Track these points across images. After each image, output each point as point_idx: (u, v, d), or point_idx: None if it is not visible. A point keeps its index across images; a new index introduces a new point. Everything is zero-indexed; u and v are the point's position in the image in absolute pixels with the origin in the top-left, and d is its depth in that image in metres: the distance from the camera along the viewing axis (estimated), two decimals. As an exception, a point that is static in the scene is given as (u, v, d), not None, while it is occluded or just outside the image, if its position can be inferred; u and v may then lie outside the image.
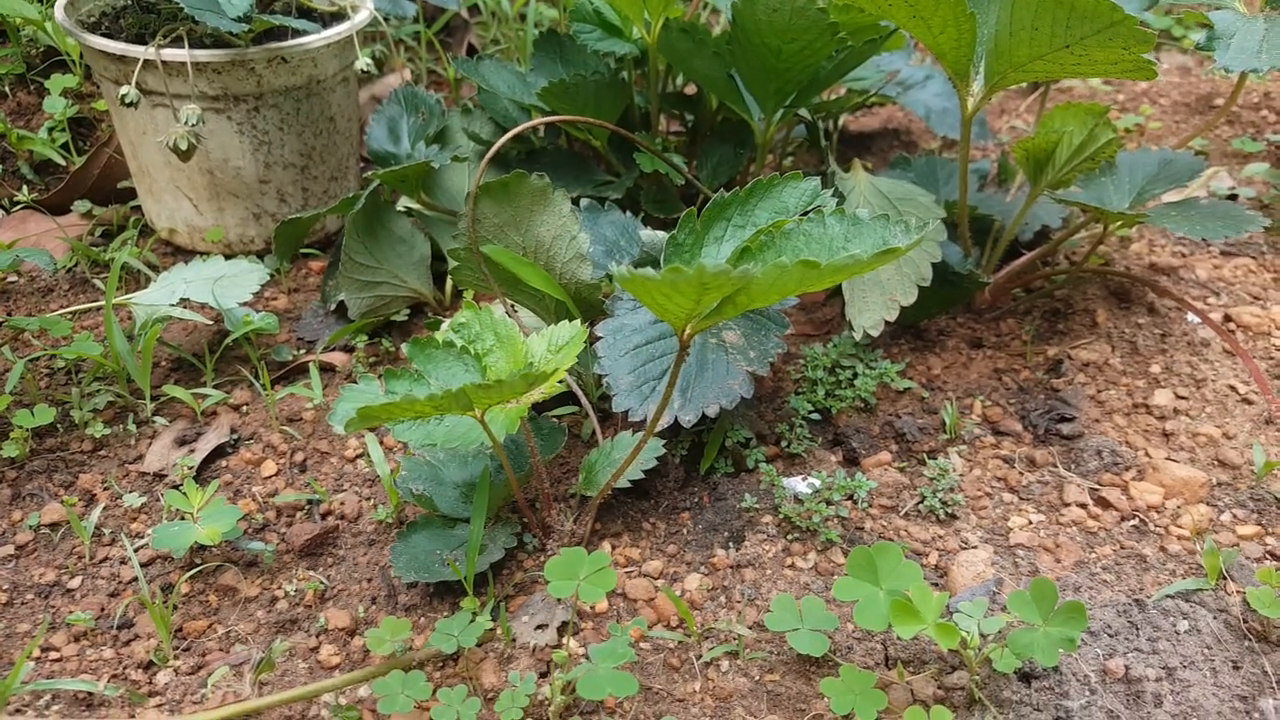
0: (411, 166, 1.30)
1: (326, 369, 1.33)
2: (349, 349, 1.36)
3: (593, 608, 0.92)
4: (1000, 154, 1.66)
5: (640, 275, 0.62)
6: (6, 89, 1.80)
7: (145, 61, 1.33)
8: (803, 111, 1.22)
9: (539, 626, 0.89)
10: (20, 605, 1.01)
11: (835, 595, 0.83)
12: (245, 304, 1.35)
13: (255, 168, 1.45)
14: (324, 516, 1.10)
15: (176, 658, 0.93)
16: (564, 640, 0.87)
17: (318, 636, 0.95)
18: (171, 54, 1.32)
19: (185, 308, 1.31)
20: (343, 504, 1.12)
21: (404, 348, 0.83)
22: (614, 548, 0.99)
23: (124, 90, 1.29)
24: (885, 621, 0.80)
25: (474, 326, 0.91)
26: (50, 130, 1.73)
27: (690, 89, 1.49)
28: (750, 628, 0.91)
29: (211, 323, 1.39)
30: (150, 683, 0.91)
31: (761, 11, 1.03)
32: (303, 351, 1.36)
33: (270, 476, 1.17)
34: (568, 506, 1.01)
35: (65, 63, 1.85)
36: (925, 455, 1.09)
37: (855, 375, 1.12)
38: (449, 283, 1.40)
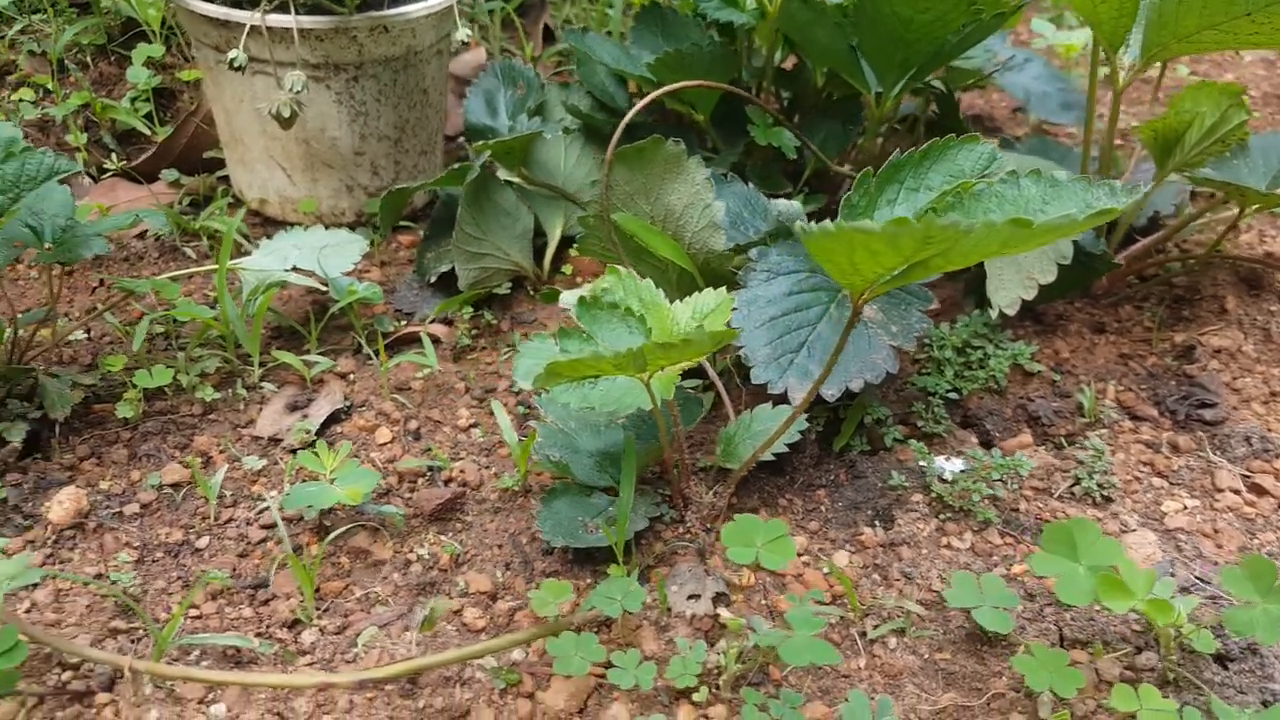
0: (518, 139, 1.30)
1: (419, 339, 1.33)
2: (448, 321, 1.36)
3: (740, 581, 0.92)
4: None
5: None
6: (88, 59, 1.80)
7: (250, 27, 1.32)
8: (936, 83, 1.22)
9: (691, 596, 0.89)
10: (152, 563, 1.00)
11: (1033, 570, 0.83)
12: (347, 274, 1.35)
13: (351, 139, 1.45)
14: (446, 483, 1.10)
15: (320, 617, 0.93)
16: (719, 610, 0.87)
17: (460, 599, 0.95)
18: (277, 19, 1.32)
19: (297, 275, 1.31)
20: (463, 471, 1.12)
21: (573, 308, 0.83)
22: (753, 521, 0.99)
23: (232, 54, 1.29)
24: (1089, 597, 0.79)
25: (618, 292, 0.91)
26: (133, 100, 1.73)
27: (788, 64, 1.48)
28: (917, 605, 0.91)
29: (308, 291, 1.39)
30: (296, 641, 0.91)
31: (898, -18, 1.03)
32: (403, 323, 1.36)
33: (386, 443, 1.17)
34: (703, 478, 1.01)
35: (145, 34, 1.85)
36: (1063, 439, 1.09)
37: (987, 356, 1.12)
38: (548, 256, 1.40)
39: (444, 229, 1.44)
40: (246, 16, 1.31)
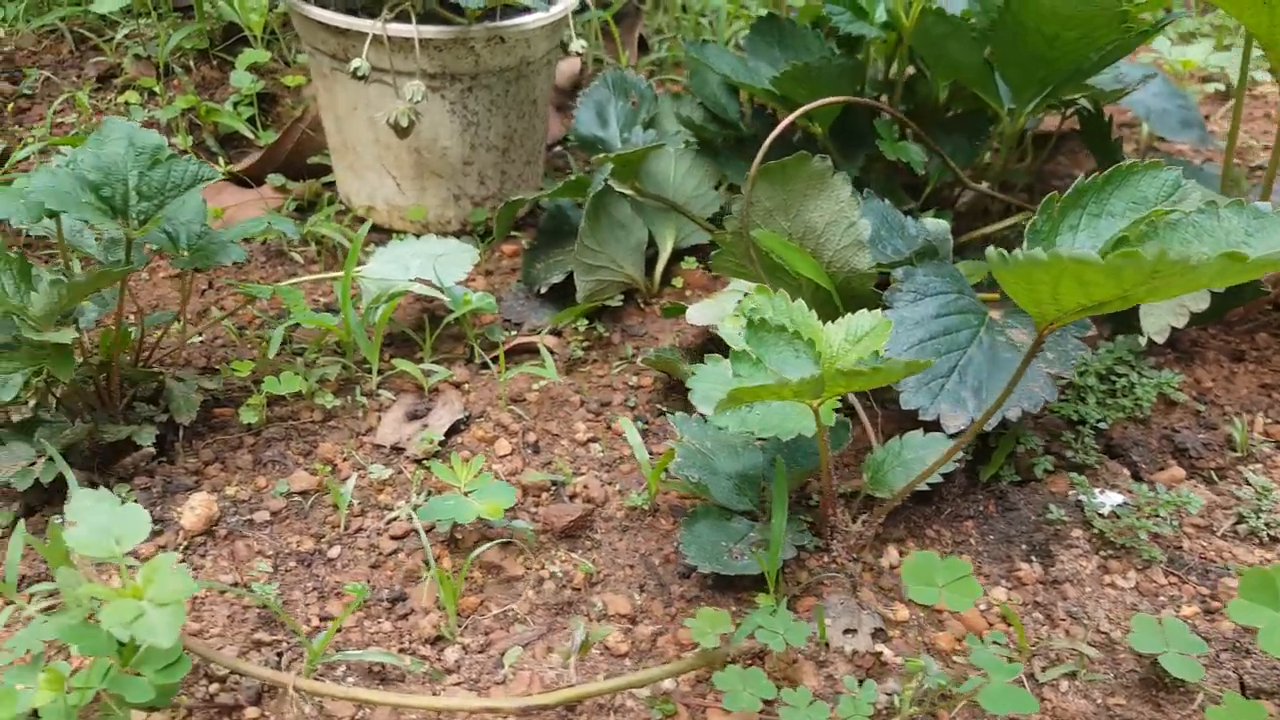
0: (637, 151, 1.29)
1: (532, 351, 1.32)
2: (557, 332, 1.35)
3: (894, 615, 0.90)
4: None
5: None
6: (191, 63, 1.82)
7: (370, 36, 1.33)
8: (1082, 100, 1.20)
9: (847, 630, 0.87)
10: (286, 572, 1.00)
11: (1232, 618, 0.80)
12: (459, 283, 1.35)
13: (462, 148, 1.45)
14: (571, 498, 1.09)
15: (461, 634, 0.92)
16: (879, 647, 0.85)
17: (599, 622, 0.94)
18: (398, 29, 1.32)
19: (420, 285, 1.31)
20: (586, 487, 1.11)
21: (741, 331, 0.81)
22: (901, 553, 0.97)
23: (355, 63, 1.29)
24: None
25: (767, 311, 0.89)
26: (235, 104, 1.74)
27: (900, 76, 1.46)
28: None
29: (417, 298, 1.39)
30: (440, 658, 0.90)
31: (1047, -1, 1.01)
32: (512, 333, 1.35)
33: (506, 455, 1.16)
34: (845, 505, 0.99)
35: (246, 38, 1.87)
36: (1213, 472, 1.06)
37: (1131, 384, 1.09)
38: (658, 268, 1.39)
39: (552, 239, 1.43)
40: (369, 25, 1.31)
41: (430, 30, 1.33)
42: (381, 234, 1.54)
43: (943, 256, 1.04)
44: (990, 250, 0.67)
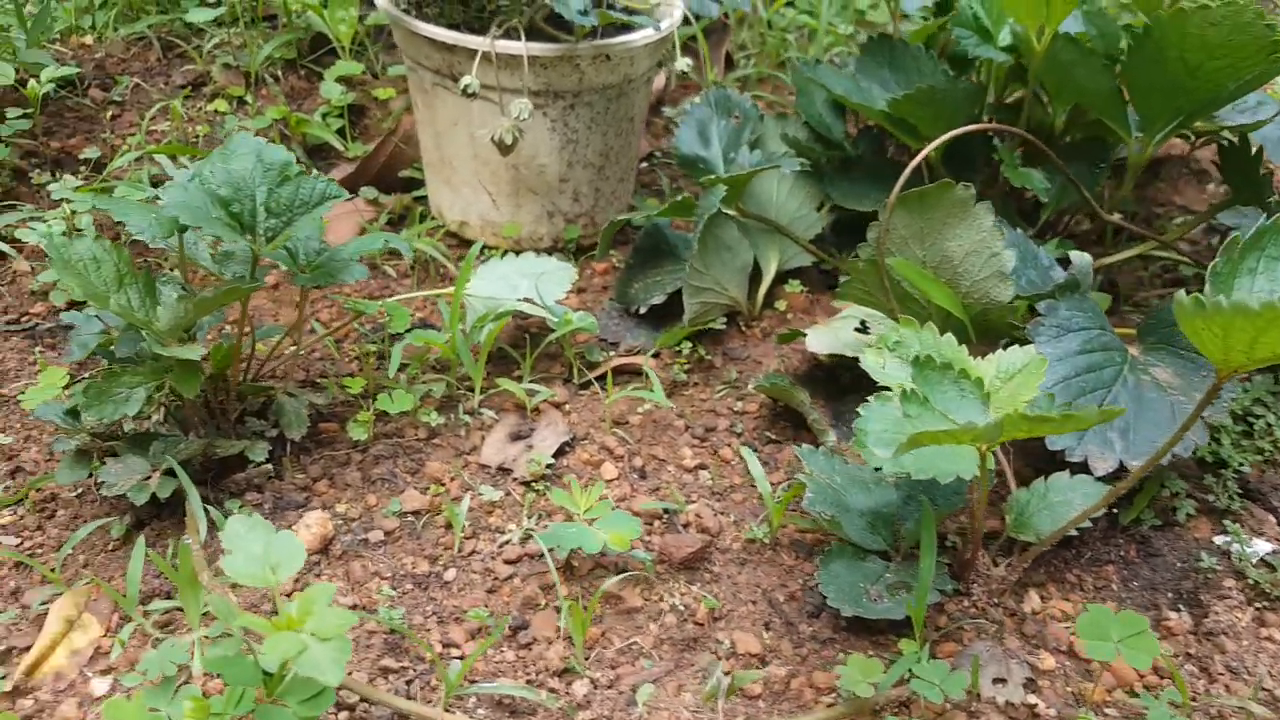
0: (743, 174, 1.27)
1: (631, 371, 1.30)
2: (654, 354, 1.34)
3: (1040, 664, 0.87)
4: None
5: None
6: (279, 73, 1.83)
7: (475, 52, 1.32)
8: (1224, 130, 1.16)
9: (997, 680, 0.84)
10: (404, 595, 0.99)
11: None
12: (559, 302, 1.33)
13: (559, 166, 1.44)
14: (684, 527, 1.08)
15: (588, 667, 0.91)
16: (1029, 698, 0.83)
17: (727, 660, 0.91)
18: (506, 46, 1.32)
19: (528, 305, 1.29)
20: (699, 516, 1.09)
21: (883, 366, 0.79)
22: (1043, 599, 0.94)
23: (465, 80, 1.28)
24: None
25: (913, 345, 0.87)
26: (324, 115, 1.75)
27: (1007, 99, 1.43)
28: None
29: (513, 315, 1.38)
30: (568, 692, 0.88)
31: (1193, 25, 0.98)
32: (609, 353, 1.34)
33: (613, 480, 1.15)
34: (985, 549, 0.96)
35: (334, 50, 1.87)
36: (1361, 518, 1.02)
37: (1270, 426, 1.06)
38: (761, 291, 1.37)
39: (648, 259, 1.42)
40: (477, 42, 1.31)
41: (538, 47, 1.32)
42: (469, 248, 1.53)
43: (1084, 290, 1.01)
44: (1181, 296, 0.65)
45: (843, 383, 1.25)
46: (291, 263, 1.05)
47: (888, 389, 0.82)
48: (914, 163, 0.94)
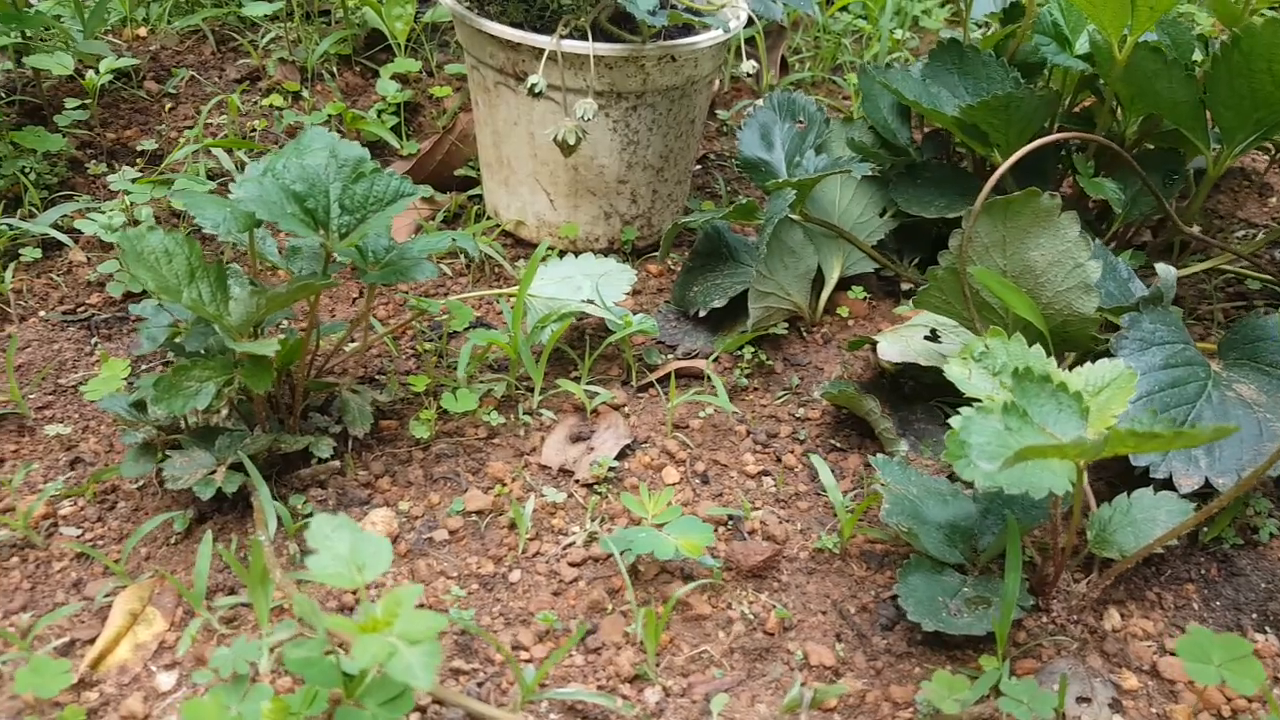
0: (810, 179, 1.25)
1: (691, 375, 1.29)
2: (709, 357, 1.32)
3: (1123, 684, 0.85)
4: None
5: None
6: (334, 69, 1.83)
7: (540, 51, 1.31)
8: None
9: (1081, 699, 0.82)
10: (471, 596, 0.98)
11: None
12: (618, 304, 1.32)
13: (618, 167, 1.43)
14: (749, 534, 1.06)
15: (659, 674, 0.89)
16: (1115, 718, 0.81)
17: (799, 671, 0.90)
18: (572, 46, 1.31)
19: (575, 305, 1.28)
20: (764, 524, 1.07)
21: (969, 377, 0.78)
22: (1123, 617, 0.92)
23: (533, 79, 1.28)
24: None
25: (999, 356, 0.85)
26: (379, 112, 1.74)
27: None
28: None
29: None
30: (640, 699, 0.87)
31: (1287, 38, 0.95)
32: (668, 356, 1.33)
33: (675, 484, 1.13)
34: (1066, 564, 0.94)
35: (390, 47, 1.87)
36: None
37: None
38: (823, 296, 1.35)
39: (707, 262, 1.40)
40: (545, 41, 1.30)
41: (604, 47, 1.31)
42: (526, 248, 1.52)
43: (1166, 303, 0.99)
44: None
45: (905, 391, 1.23)
46: (361, 260, 1.04)
47: (968, 401, 0.80)
48: (1001, 169, 0.92)
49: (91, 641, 0.95)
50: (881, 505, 0.93)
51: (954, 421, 0.76)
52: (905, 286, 1.42)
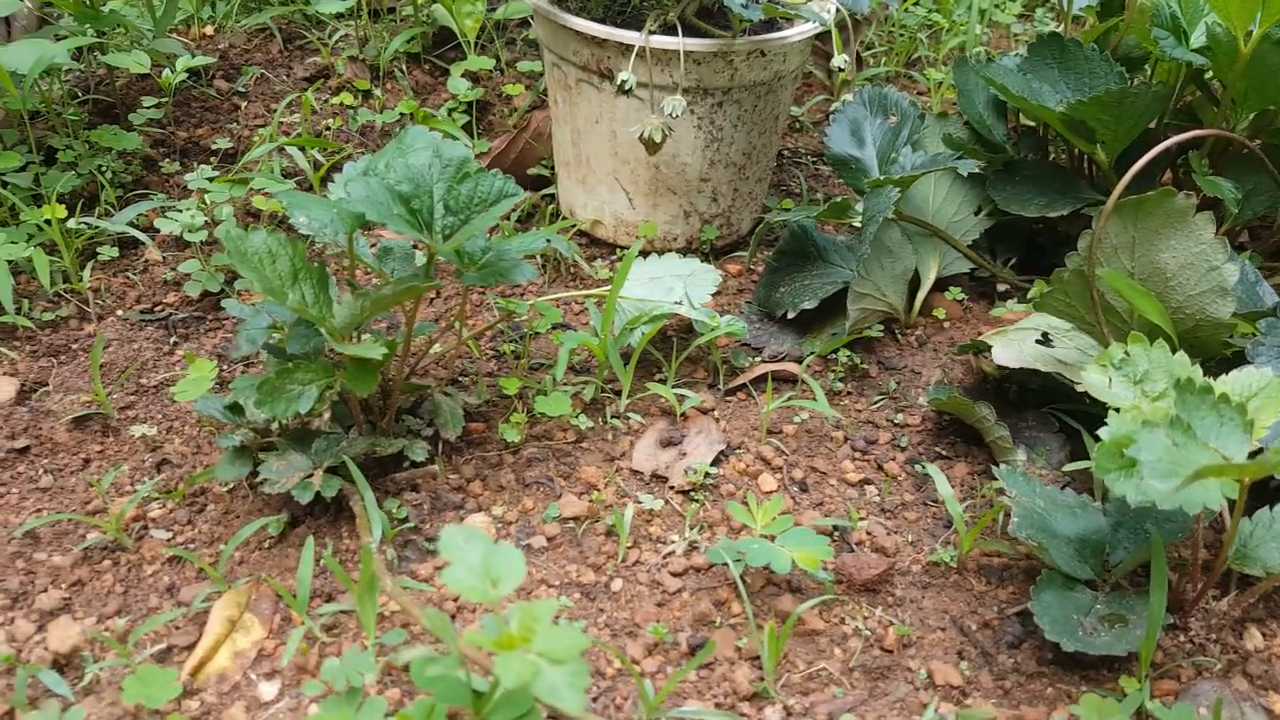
0: (909, 176, 1.21)
1: (780, 379, 1.26)
2: (798, 360, 1.29)
3: (1274, 707, 0.81)
4: None
5: None
6: (403, 67, 1.81)
7: (627, 48, 1.28)
8: None
9: (1233, 720, 0.79)
10: (575, 606, 0.96)
11: None
12: (703, 305, 1.29)
13: (701, 165, 1.40)
14: (857, 546, 1.03)
15: (778, 692, 0.86)
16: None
17: (925, 691, 0.86)
18: (660, 41, 1.28)
19: (661, 306, 1.25)
20: (871, 535, 1.04)
21: (1108, 384, 0.74)
22: (1265, 636, 0.88)
23: (623, 76, 1.25)
24: None
25: (1141, 364, 0.81)
26: (450, 111, 1.72)
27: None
28: None
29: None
30: (759, 717, 0.84)
31: None
32: (755, 359, 1.29)
33: (772, 492, 1.10)
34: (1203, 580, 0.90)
35: (459, 45, 1.85)
36: None
37: None
38: (919, 297, 1.31)
39: (795, 261, 1.37)
40: (633, 37, 1.27)
41: (693, 42, 1.28)
42: (602, 248, 1.50)
43: (1304, 309, 0.95)
44: None
45: (1010, 397, 1.19)
46: (459, 261, 1.02)
47: (1091, 409, 0.76)
48: (1138, 166, 0.88)
49: (189, 648, 0.93)
50: (1011, 518, 0.89)
51: (1103, 433, 0.72)
52: (1001, 288, 1.38)
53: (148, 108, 1.64)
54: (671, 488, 1.10)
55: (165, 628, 0.94)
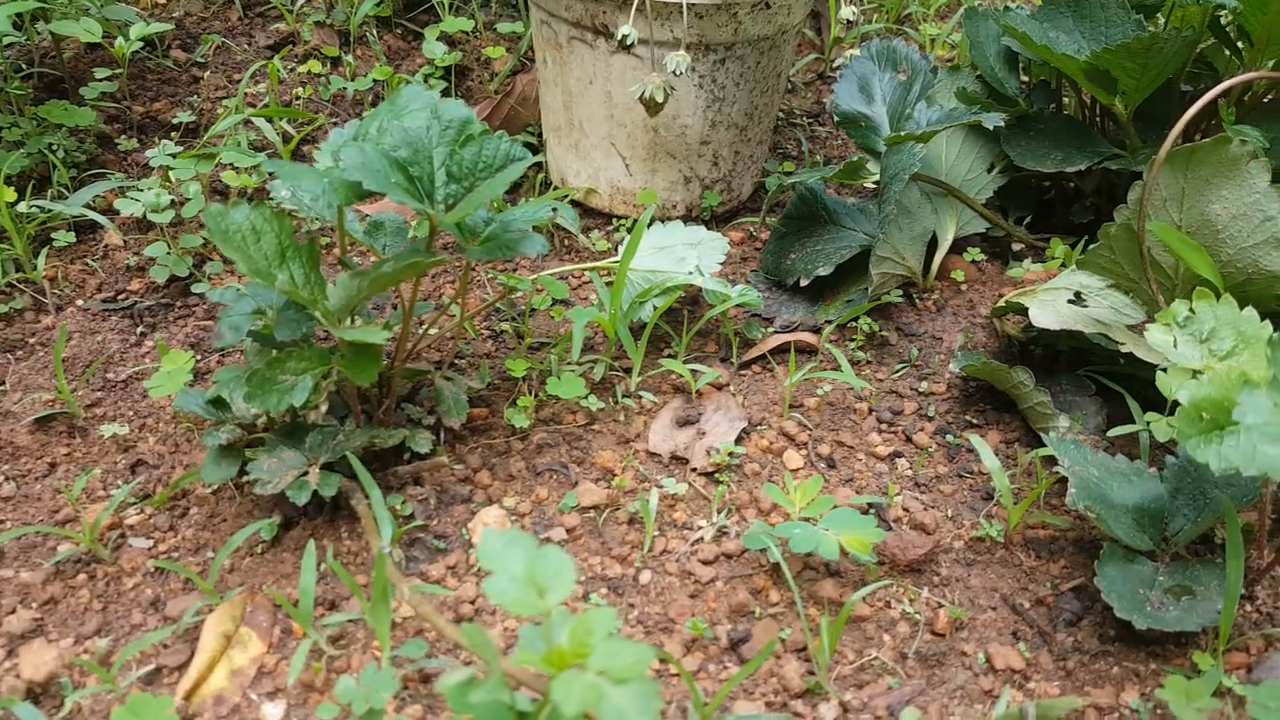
0: (929, 131, 1.15)
1: (798, 349, 1.19)
2: (816, 329, 1.22)
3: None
4: None
5: None
6: (374, 32, 1.71)
7: (624, 1, 1.20)
8: None
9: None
10: (603, 604, 0.89)
11: None
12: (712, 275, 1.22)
13: (702, 126, 1.32)
14: (895, 523, 0.97)
15: (831, 684, 0.80)
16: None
17: (985, 678, 0.81)
18: (658, -8, 1.19)
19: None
20: (908, 511, 0.98)
21: (1174, 343, 0.68)
22: (1332, 598, 0.84)
23: (624, 30, 1.16)
24: None
25: (1206, 321, 0.76)
26: (425, 76, 1.63)
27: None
28: None
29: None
30: (814, 715, 0.78)
31: None
32: (768, 330, 1.23)
33: (798, 470, 1.04)
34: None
35: (434, 7, 1.75)
36: None
37: None
38: (936, 259, 1.25)
39: (805, 226, 1.30)
40: (630, -12, 1.18)
41: (694, -6, 1.19)
42: (597, 218, 1.42)
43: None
44: None
45: (1036, 360, 1.14)
46: (460, 234, 0.94)
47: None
48: (1192, 110, 0.82)
49: (180, 669, 0.85)
50: (1068, 489, 0.83)
51: (1182, 397, 0.67)
52: (1016, 247, 1.33)
53: (100, 80, 1.52)
54: (694, 469, 1.03)
55: (153, 647, 0.86)
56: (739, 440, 1.06)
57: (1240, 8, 1.03)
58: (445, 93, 1.60)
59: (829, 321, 1.20)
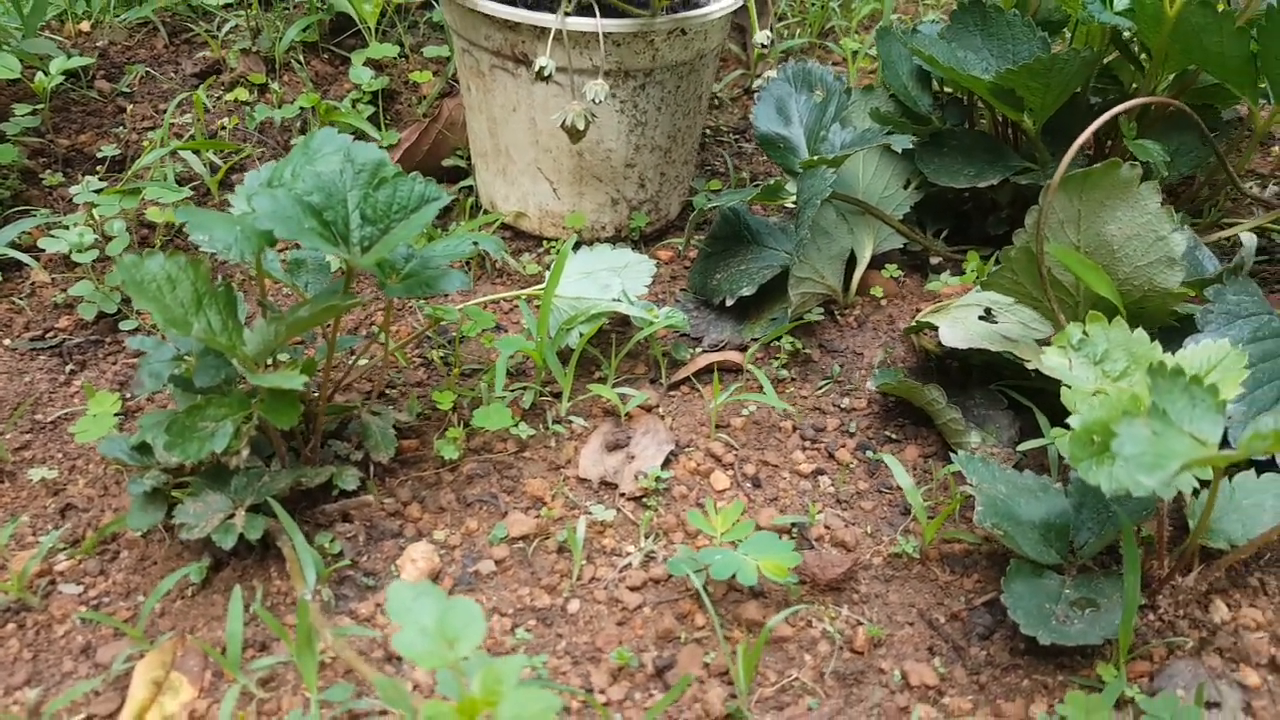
0: (842, 155, 1.18)
1: (723, 369, 1.22)
2: (741, 348, 1.25)
3: (1247, 682, 0.81)
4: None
5: None
6: (301, 58, 1.71)
7: (543, 31, 1.21)
8: None
9: (1210, 704, 0.78)
10: (531, 634, 0.91)
11: None
12: (639, 297, 1.24)
13: (626, 150, 1.34)
14: (817, 542, 1.00)
15: (751, 708, 0.83)
16: None
17: (901, 694, 0.84)
18: (578, 23, 1.21)
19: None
20: (829, 528, 1.01)
21: (1067, 366, 0.72)
22: (1230, 608, 0.87)
23: (541, 61, 1.18)
24: None
25: (1100, 343, 0.79)
26: (353, 102, 1.63)
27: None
28: None
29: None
30: (736, 736, 0.81)
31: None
32: (695, 350, 1.25)
33: (725, 490, 1.06)
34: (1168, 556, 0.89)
35: (360, 33, 1.75)
36: None
37: None
38: (855, 277, 1.29)
39: (729, 246, 1.33)
40: (548, 20, 1.20)
41: (612, 23, 1.21)
42: (527, 241, 1.43)
43: (1246, 273, 0.94)
44: None
45: (952, 374, 1.17)
46: (381, 273, 0.95)
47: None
48: (1084, 136, 0.85)
49: (111, 716, 0.85)
50: (975, 507, 0.87)
51: (1073, 422, 0.70)
52: (934, 261, 1.36)
53: (22, 116, 1.51)
54: (622, 495, 1.05)
55: (84, 696, 0.86)
56: (667, 463, 1.09)
57: (1134, 26, 1.07)
58: (373, 118, 1.61)
59: (755, 340, 1.23)
